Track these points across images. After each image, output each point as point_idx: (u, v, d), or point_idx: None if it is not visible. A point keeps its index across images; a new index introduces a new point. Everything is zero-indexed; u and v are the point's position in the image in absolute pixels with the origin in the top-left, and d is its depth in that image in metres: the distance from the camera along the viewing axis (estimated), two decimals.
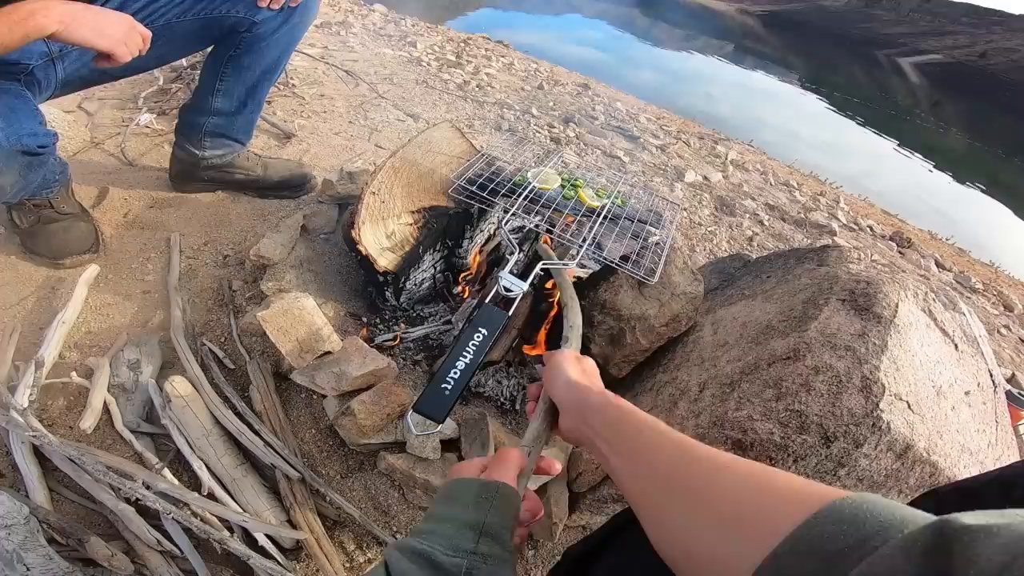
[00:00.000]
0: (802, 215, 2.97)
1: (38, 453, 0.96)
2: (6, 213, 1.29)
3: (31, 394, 0.99)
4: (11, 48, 0.84)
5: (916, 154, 9.47)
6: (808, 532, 0.30)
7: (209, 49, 1.34)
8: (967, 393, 1.01)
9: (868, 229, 3.31)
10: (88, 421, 0.99)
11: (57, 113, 1.73)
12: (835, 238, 2.84)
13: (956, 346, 1.09)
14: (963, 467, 0.85)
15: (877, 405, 0.79)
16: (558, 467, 0.65)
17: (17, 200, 1.20)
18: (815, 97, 13.44)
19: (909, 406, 0.83)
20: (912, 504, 0.49)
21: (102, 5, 1.07)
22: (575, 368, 0.64)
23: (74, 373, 1.06)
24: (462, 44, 4.50)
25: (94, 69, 1.15)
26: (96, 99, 1.92)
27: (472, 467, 0.55)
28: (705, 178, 2.94)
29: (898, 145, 10.01)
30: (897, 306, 0.95)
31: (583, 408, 0.57)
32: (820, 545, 0.29)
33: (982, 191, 8.01)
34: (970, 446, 0.90)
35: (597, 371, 0.68)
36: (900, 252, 3.13)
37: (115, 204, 1.49)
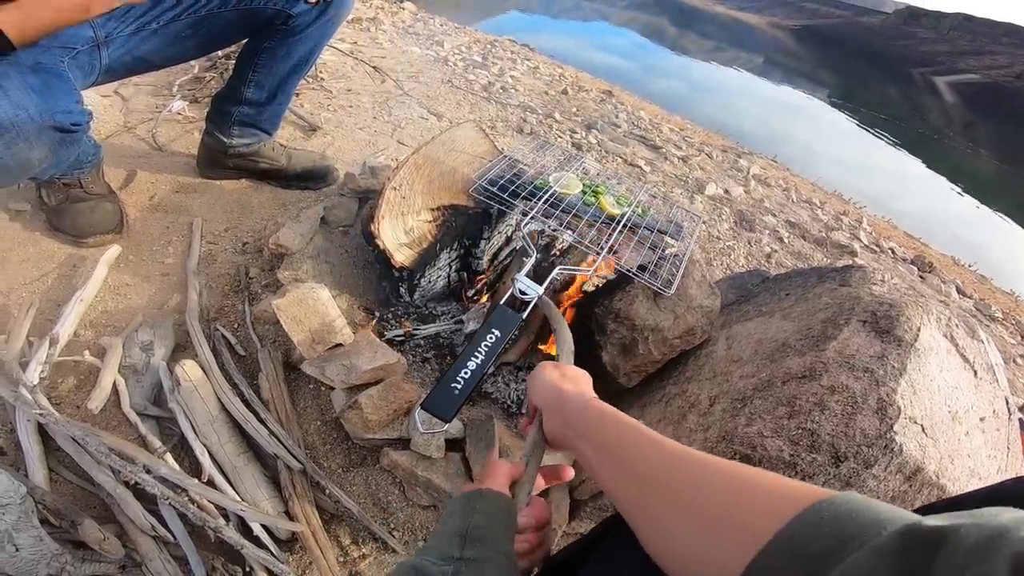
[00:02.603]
0: (823, 234, 2.92)
1: (42, 431, 0.96)
2: (35, 191, 1.31)
3: (42, 371, 1.00)
4: (52, 30, 0.85)
5: (944, 176, 9.27)
6: (792, 533, 0.30)
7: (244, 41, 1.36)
8: (982, 419, 0.99)
9: (890, 251, 3.24)
10: (96, 401, 1.00)
11: (94, 97, 1.77)
12: (856, 259, 2.79)
13: (975, 372, 1.07)
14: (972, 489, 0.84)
15: (891, 427, 0.78)
16: (570, 472, 0.65)
17: (48, 177, 1.23)
18: (844, 114, 13.23)
19: (923, 429, 0.82)
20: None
21: None
22: (554, 372, 0.64)
23: (87, 352, 1.07)
24: (488, 46, 4.52)
25: (136, 57, 1.17)
26: (132, 85, 1.96)
27: (471, 486, 0.55)
28: (726, 192, 2.90)
29: (926, 166, 9.81)
30: (919, 330, 0.93)
31: (562, 410, 0.57)
32: (804, 546, 0.29)
33: (1009, 218, 7.81)
34: (980, 471, 0.89)
35: (581, 377, 0.67)
36: (921, 276, 3.07)
37: (142, 187, 1.51)
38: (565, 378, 0.63)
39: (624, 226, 1.15)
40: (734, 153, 3.89)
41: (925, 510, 0.57)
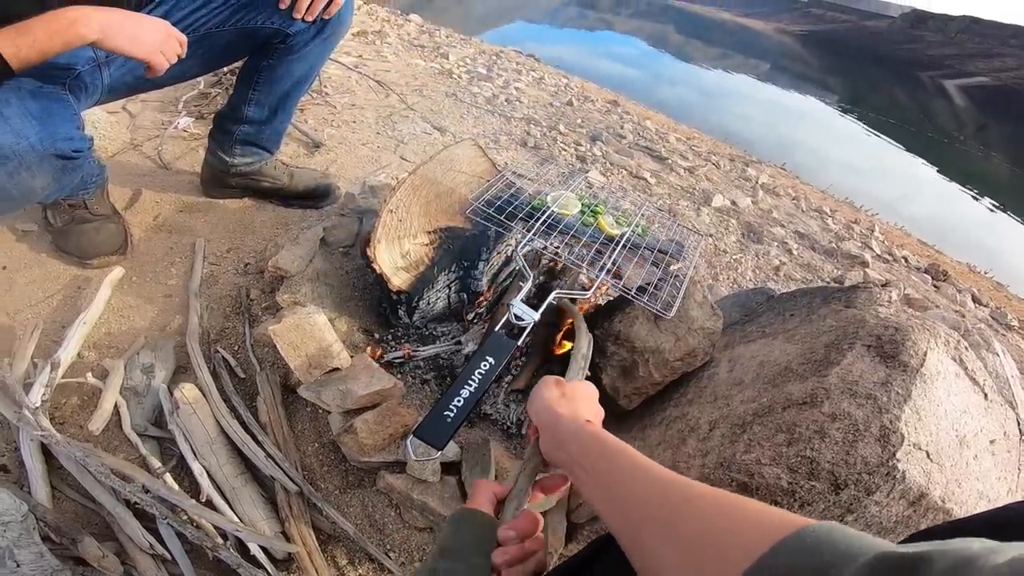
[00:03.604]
0: (834, 244, 2.89)
1: (45, 450, 0.98)
2: (41, 212, 1.33)
3: (44, 394, 1.01)
4: (50, 55, 0.86)
5: (957, 181, 9.15)
6: (773, 560, 0.31)
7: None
8: (992, 442, 0.98)
9: (903, 260, 3.20)
10: (97, 423, 1.01)
11: (101, 114, 1.79)
12: (867, 269, 2.74)
13: (986, 395, 1.05)
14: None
15: (894, 455, 0.78)
16: (506, 490, 0.64)
17: (53, 200, 1.24)
18: (853, 119, 13.14)
19: (928, 455, 0.81)
20: (909, 540, 0.51)
21: (148, 13, 1.11)
22: (553, 392, 0.65)
23: (89, 373, 1.08)
24: (494, 57, 4.54)
25: (138, 76, 1.18)
26: (139, 101, 1.98)
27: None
28: (733, 203, 2.88)
29: (938, 171, 9.69)
30: (925, 355, 0.92)
31: (557, 432, 0.58)
32: (784, 573, 0.30)
33: None
34: (989, 494, 0.88)
35: (585, 393, 0.68)
36: (935, 285, 3.01)
37: (146, 207, 1.53)
38: (563, 398, 0.64)
39: (623, 247, 1.14)
40: (742, 162, 3.86)
41: (926, 534, 0.56)
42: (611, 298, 1.18)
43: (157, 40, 0.97)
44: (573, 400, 0.64)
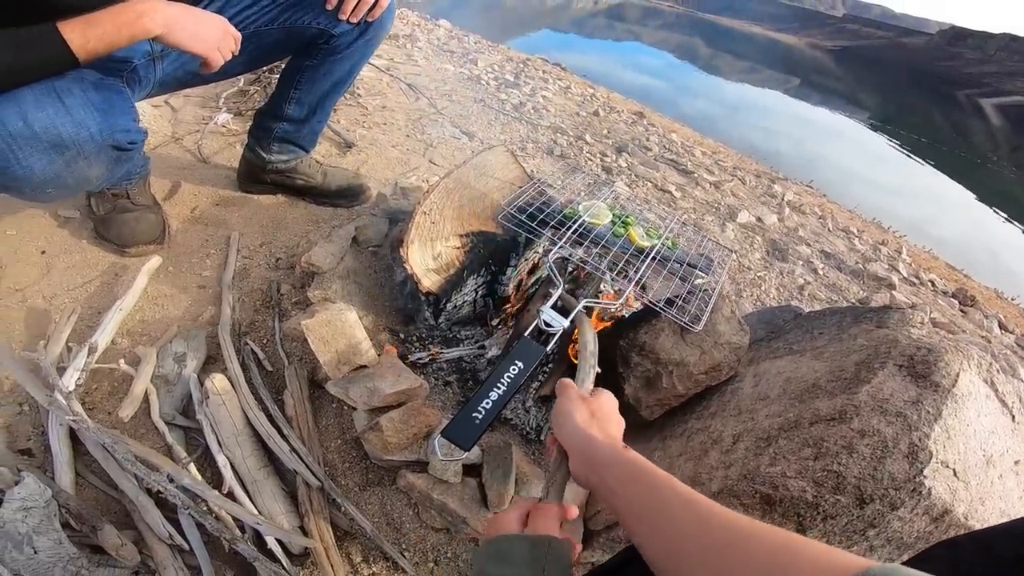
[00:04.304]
0: (860, 265, 2.84)
1: (73, 436, 0.98)
2: (84, 199, 1.37)
3: (79, 378, 1.02)
4: (116, 48, 0.88)
5: (988, 202, 8.91)
6: None
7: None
8: (1016, 463, 0.98)
9: (930, 284, 3.13)
10: (127, 410, 1.02)
11: (146, 107, 1.85)
12: (894, 292, 2.69)
13: (1013, 417, 1.05)
14: None
15: (921, 471, 0.79)
16: (574, 512, 0.64)
17: (99, 188, 1.28)
18: (884, 137, 12.90)
19: (955, 473, 0.82)
20: (931, 550, 0.53)
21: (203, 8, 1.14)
22: (582, 412, 0.62)
23: (122, 360, 1.10)
24: (521, 64, 4.57)
25: (188, 72, 1.22)
26: (182, 95, 2.04)
27: (511, 521, 0.55)
28: (759, 220, 2.85)
29: (970, 192, 9.46)
30: (958, 375, 0.92)
31: (591, 459, 0.56)
32: None
33: None
34: (1010, 512, 0.89)
35: (611, 408, 0.66)
36: (962, 311, 2.95)
37: (185, 199, 1.57)
38: (594, 420, 0.62)
39: (653, 259, 1.14)
40: (768, 178, 3.82)
41: (946, 543, 0.56)
42: (637, 309, 1.18)
43: (216, 37, 1.00)
44: (602, 419, 0.62)
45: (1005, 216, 8.39)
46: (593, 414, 0.62)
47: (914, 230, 4.69)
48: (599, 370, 0.88)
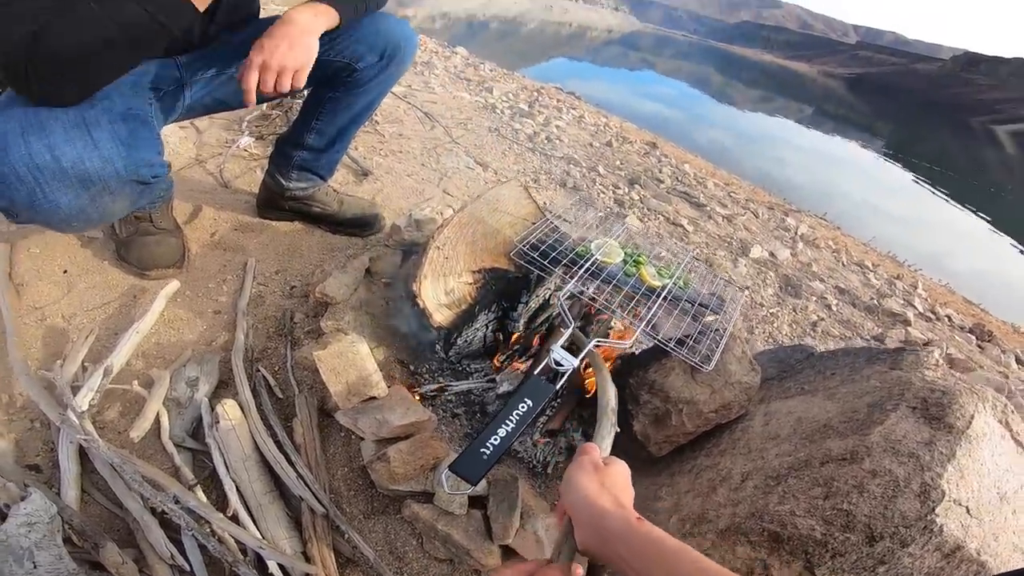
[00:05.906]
0: (875, 301, 2.81)
1: (82, 453, 0.99)
2: None
3: (93, 399, 1.04)
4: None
5: (1005, 233, 8.79)
6: None
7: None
8: None
9: (946, 319, 3.08)
10: (138, 431, 1.04)
11: (172, 128, 1.89)
12: (909, 328, 2.65)
13: None
14: (1012, 566, 0.86)
15: (933, 510, 0.79)
16: (580, 572, 0.63)
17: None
18: (899, 167, 12.85)
19: (968, 511, 0.82)
20: None
21: (234, 37, 1.18)
22: (592, 482, 0.61)
23: (135, 382, 1.12)
24: (535, 93, 4.66)
25: (217, 98, 1.26)
26: (208, 118, 2.10)
27: None
28: (772, 254, 2.84)
29: (987, 222, 9.34)
30: (972, 418, 0.92)
31: (601, 530, 0.56)
32: None
33: None
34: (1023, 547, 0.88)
35: (624, 478, 0.64)
36: (979, 346, 2.90)
37: (205, 223, 1.61)
38: (603, 489, 0.60)
39: (664, 298, 1.14)
40: (781, 211, 3.82)
41: None
42: (646, 347, 1.18)
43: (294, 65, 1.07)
44: (615, 488, 0.61)
45: (1021, 248, 8.27)
46: (604, 484, 0.62)
47: (930, 263, 4.65)
48: (618, 429, 0.88)
